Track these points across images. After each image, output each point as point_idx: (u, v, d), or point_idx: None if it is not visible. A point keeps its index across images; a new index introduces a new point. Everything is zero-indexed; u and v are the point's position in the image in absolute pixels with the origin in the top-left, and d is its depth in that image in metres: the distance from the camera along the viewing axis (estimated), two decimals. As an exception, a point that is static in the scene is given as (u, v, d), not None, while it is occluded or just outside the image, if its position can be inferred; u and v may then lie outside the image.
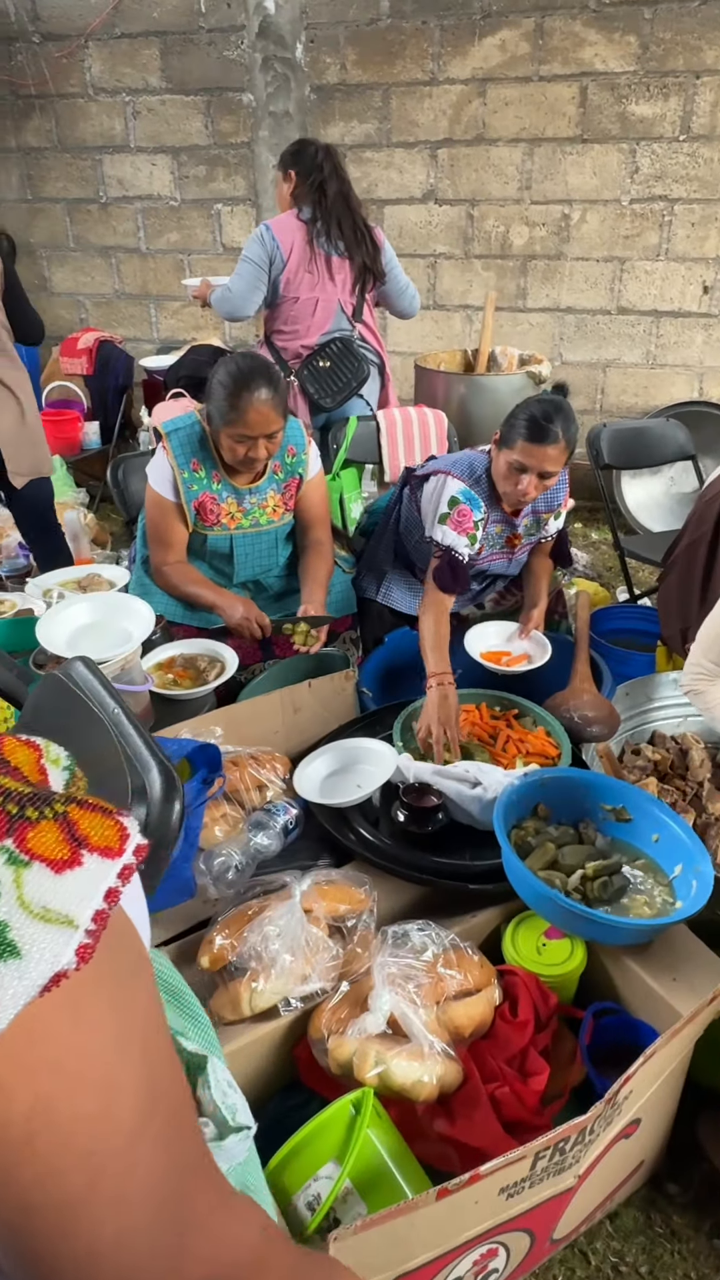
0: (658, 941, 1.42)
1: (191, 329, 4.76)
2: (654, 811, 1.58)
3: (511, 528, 2.16)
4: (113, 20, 4.22)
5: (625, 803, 1.62)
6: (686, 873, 1.48)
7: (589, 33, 3.66)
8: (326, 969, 1.30)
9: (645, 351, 4.13)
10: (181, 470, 2.07)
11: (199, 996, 1.36)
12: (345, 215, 2.72)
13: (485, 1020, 1.28)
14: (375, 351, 2.93)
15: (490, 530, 2.13)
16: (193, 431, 2.08)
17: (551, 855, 1.52)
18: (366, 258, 2.77)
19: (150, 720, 1.79)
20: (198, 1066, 0.70)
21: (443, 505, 2.06)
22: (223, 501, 2.11)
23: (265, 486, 2.16)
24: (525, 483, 1.97)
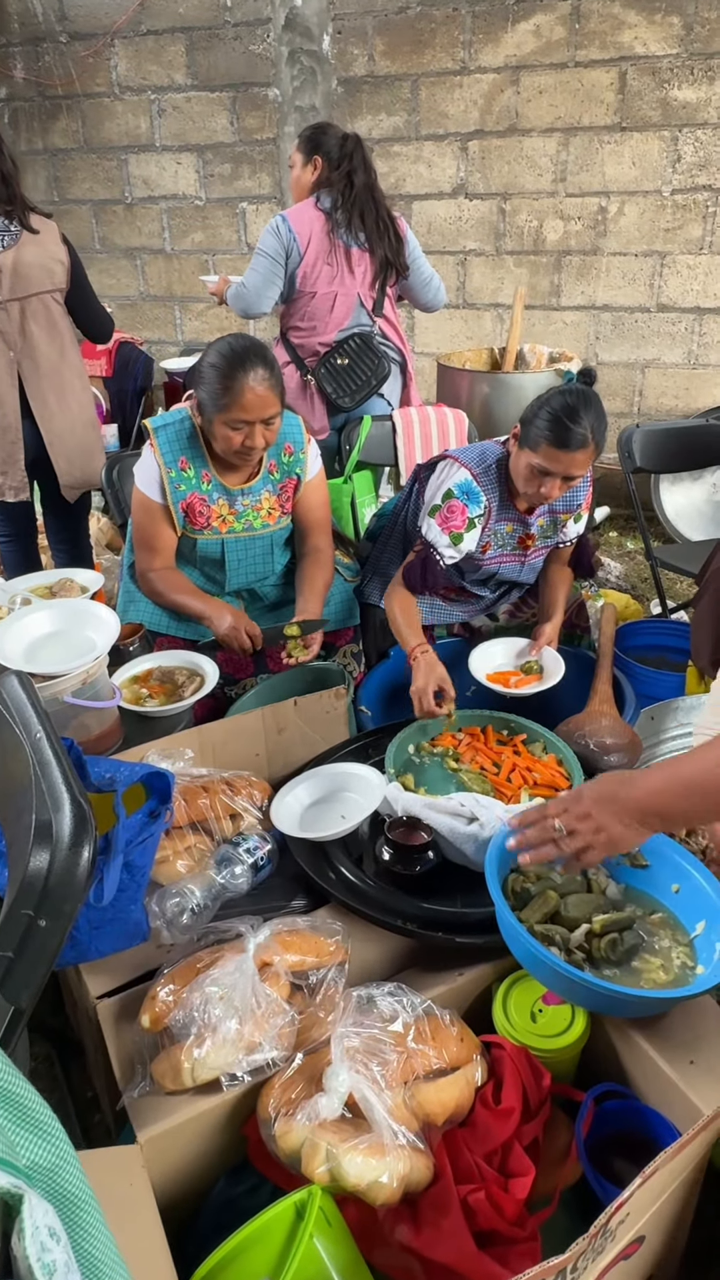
0: (674, 1013, 1.22)
1: (215, 330, 4.65)
2: (674, 858, 1.38)
3: (524, 527, 1.97)
4: (139, 17, 4.15)
5: (641, 847, 1.42)
6: (710, 931, 1.27)
7: (629, 14, 3.46)
8: (280, 1036, 1.12)
9: (687, 351, 3.90)
10: (169, 469, 1.92)
11: (142, 1058, 1.22)
12: (370, 207, 2.55)
13: (463, 1106, 1.09)
14: (397, 348, 2.75)
15: (499, 529, 1.95)
16: (182, 427, 1.93)
17: (553, 906, 1.33)
18: (389, 251, 2.60)
19: (118, 740, 1.65)
20: (10, 1206, 0.53)
21: (437, 496, 1.90)
22: (213, 503, 1.96)
23: (259, 487, 2.00)
24: (548, 486, 1.79)
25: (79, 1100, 1.53)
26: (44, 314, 2.39)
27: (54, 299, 2.42)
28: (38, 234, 2.34)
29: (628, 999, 1.15)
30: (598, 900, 1.36)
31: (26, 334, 2.36)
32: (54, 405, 2.46)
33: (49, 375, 2.44)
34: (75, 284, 2.47)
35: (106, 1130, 1.45)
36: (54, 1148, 0.61)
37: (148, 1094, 1.16)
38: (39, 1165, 0.59)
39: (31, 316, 2.36)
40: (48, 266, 2.36)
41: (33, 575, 1.97)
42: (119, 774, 1.28)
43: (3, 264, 2.28)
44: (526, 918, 1.29)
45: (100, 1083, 1.42)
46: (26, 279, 2.32)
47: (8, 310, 2.32)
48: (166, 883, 1.38)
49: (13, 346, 2.35)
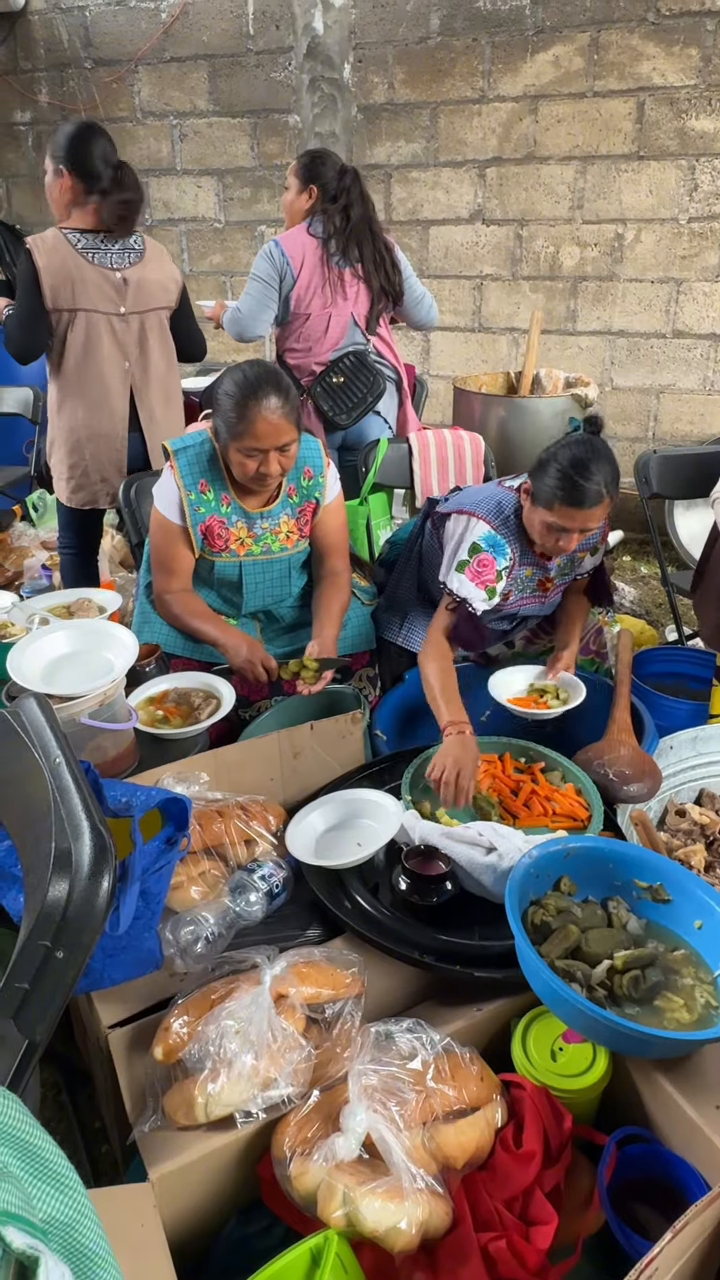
0: (699, 1054, 1.19)
1: (232, 351, 4.69)
2: (697, 893, 1.35)
3: (544, 571, 1.95)
4: (163, 44, 4.21)
5: (663, 880, 1.39)
6: None
7: (647, 46, 3.49)
8: (296, 1072, 1.10)
9: (702, 377, 3.90)
10: (188, 491, 1.92)
11: (154, 1091, 1.19)
12: (367, 239, 2.60)
13: (483, 1149, 1.07)
14: (392, 366, 2.78)
15: (519, 574, 1.92)
16: (202, 450, 1.93)
17: (574, 940, 1.30)
18: (385, 281, 2.64)
19: (133, 762, 1.63)
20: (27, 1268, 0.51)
21: (462, 551, 1.84)
22: (232, 526, 1.96)
23: (279, 511, 2.00)
24: (565, 540, 1.76)
25: (86, 1130, 1.51)
26: (159, 329, 2.48)
27: (166, 316, 2.51)
28: (154, 255, 2.45)
29: (653, 1040, 1.12)
30: (619, 935, 1.33)
31: (144, 347, 2.46)
32: (160, 415, 2.54)
33: (158, 387, 2.52)
34: (182, 304, 2.57)
35: (114, 1162, 1.42)
36: (72, 1201, 0.59)
37: (159, 1128, 1.13)
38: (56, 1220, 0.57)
39: (150, 331, 2.46)
40: (164, 284, 2.46)
41: (51, 594, 1.97)
42: (135, 799, 1.27)
43: (129, 278, 2.37)
44: (547, 953, 1.27)
45: (109, 1113, 1.39)
46: (149, 294, 2.42)
47: (128, 322, 2.40)
48: (180, 909, 1.36)
49: (129, 358, 2.43)
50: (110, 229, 2.33)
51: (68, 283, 2.28)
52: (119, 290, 2.36)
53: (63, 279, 2.27)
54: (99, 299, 2.33)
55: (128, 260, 2.37)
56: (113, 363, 2.41)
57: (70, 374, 2.41)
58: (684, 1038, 1.14)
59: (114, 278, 2.34)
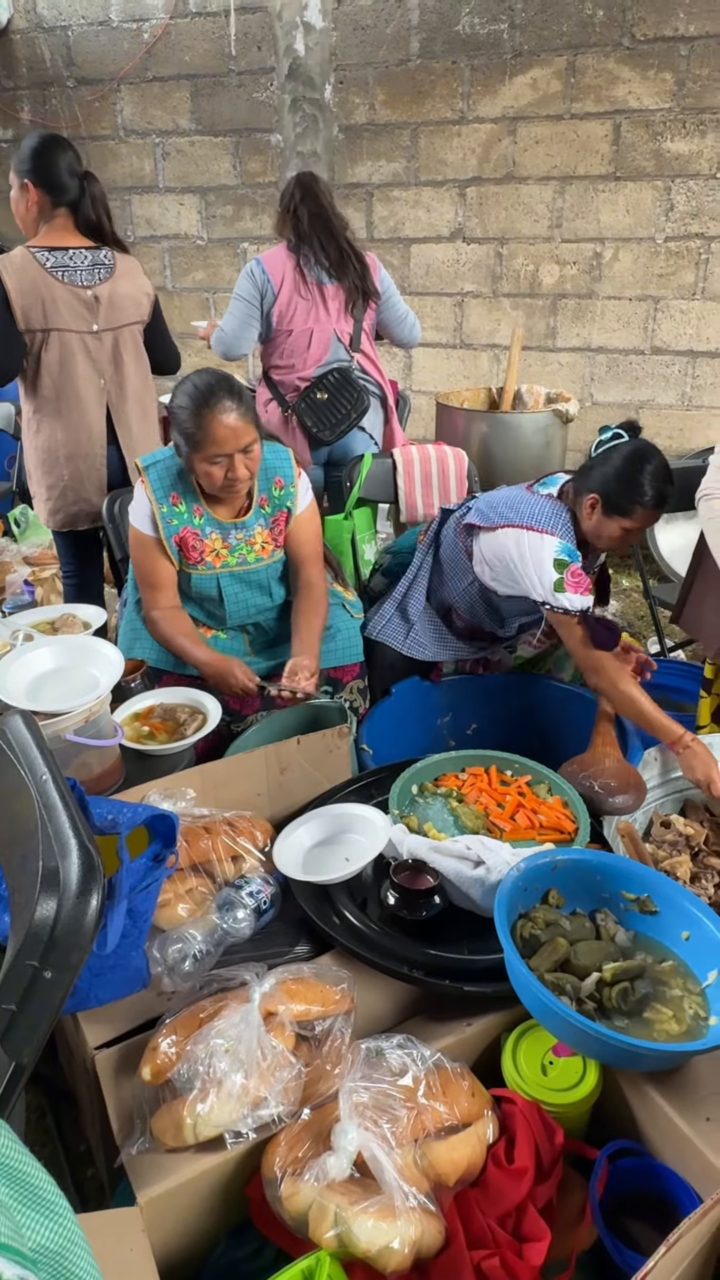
0: (689, 1065, 1.19)
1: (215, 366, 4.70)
2: (684, 904, 1.36)
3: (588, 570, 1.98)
4: (145, 64, 4.25)
5: (650, 892, 1.40)
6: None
7: (623, 70, 3.57)
8: (286, 1091, 1.09)
9: (680, 393, 3.96)
10: (160, 505, 1.93)
11: (142, 1113, 1.18)
12: (327, 237, 2.62)
13: (475, 1165, 1.06)
14: (376, 383, 2.81)
15: None
16: (172, 463, 1.94)
17: (563, 953, 1.31)
18: (355, 278, 2.66)
19: (119, 779, 1.62)
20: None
21: (548, 568, 1.84)
22: (206, 537, 1.96)
23: (252, 522, 2.00)
24: (634, 539, 1.89)
25: (71, 1153, 1.48)
26: (132, 344, 2.47)
27: (140, 330, 2.50)
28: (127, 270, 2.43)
29: (642, 1052, 1.12)
30: (607, 948, 1.33)
31: (119, 363, 2.44)
32: (138, 431, 2.53)
33: (134, 403, 2.51)
34: (155, 318, 2.56)
35: (100, 1187, 1.40)
36: (62, 1229, 0.58)
37: (147, 1150, 1.12)
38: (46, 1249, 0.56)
39: (124, 346, 2.44)
40: (137, 299, 2.45)
41: (34, 610, 1.96)
42: (122, 816, 1.26)
43: (100, 295, 2.35)
44: (536, 965, 1.26)
45: (95, 1136, 1.37)
46: (121, 311, 2.41)
47: (101, 340, 2.39)
48: (168, 927, 1.35)
49: (104, 375, 2.42)
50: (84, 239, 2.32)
51: (38, 303, 2.27)
52: (90, 308, 2.35)
53: (33, 299, 2.26)
54: (71, 318, 2.32)
55: (98, 277, 2.36)
56: (88, 381, 2.40)
57: (45, 394, 2.39)
58: (673, 1049, 1.14)
59: (85, 295, 2.33)
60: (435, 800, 1.75)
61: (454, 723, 2.25)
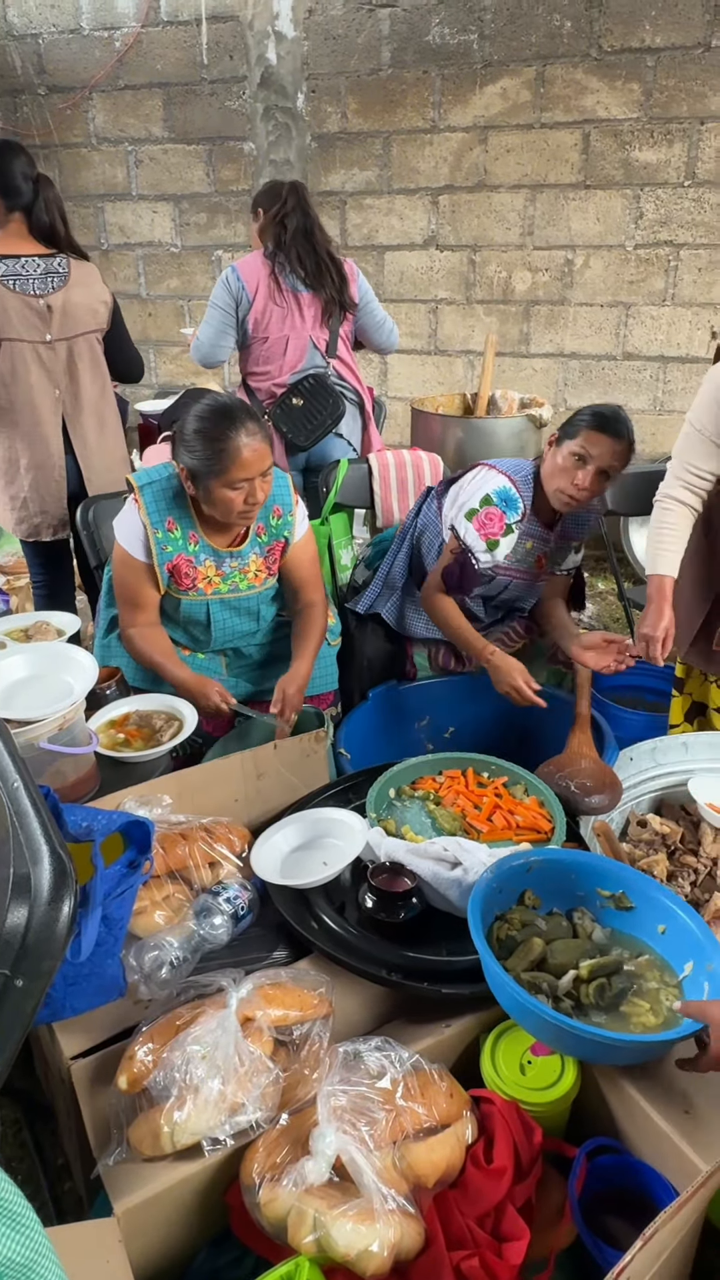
0: (666, 1059, 1.20)
1: (191, 374, 4.70)
2: (659, 898, 1.37)
3: (544, 544, 2.02)
4: (116, 73, 4.24)
5: (625, 888, 1.41)
6: (698, 972, 1.26)
7: (591, 80, 3.62)
8: (264, 1096, 1.08)
9: (652, 397, 4.01)
10: (155, 529, 1.86)
11: (119, 1123, 1.16)
12: (307, 249, 2.64)
13: (454, 1166, 1.06)
14: (353, 389, 2.82)
15: (521, 545, 1.99)
16: (169, 485, 1.87)
17: (539, 953, 1.31)
18: (333, 290, 2.68)
19: (94, 786, 1.61)
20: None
21: (474, 500, 1.91)
22: (200, 565, 1.91)
23: (248, 550, 1.95)
24: (582, 477, 1.85)
25: (48, 1167, 1.47)
26: (88, 353, 2.45)
27: (97, 339, 2.48)
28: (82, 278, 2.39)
29: (617, 1045, 1.13)
30: (584, 945, 1.34)
31: (73, 373, 2.42)
32: (94, 442, 2.50)
33: (91, 413, 2.48)
34: (114, 325, 2.53)
35: (78, 1200, 1.39)
36: (29, 1241, 0.57)
37: (124, 1161, 1.10)
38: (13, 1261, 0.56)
39: (78, 356, 2.43)
40: (93, 307, 2.43)
41: (7, 618, 1.94)
42: (96, 823, 1.25)
43: (53, 304, 2.33)
44: (512, 966, 1.27)
45: (72, 1148, 1.36)
46: (75, 319, 2.38)
47: (55, 349, 2.36)
48: (144, 935, 1.34)
49: (58, 385, 2.39)
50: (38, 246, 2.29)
51: None
52: (43, 317, 2.31)
53: None
54: (22, 328, 2.28)
55: (51, 285, 2.32)
56: (42, 391, 2.37)
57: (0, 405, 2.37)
58: (646, 1040, 1.15)
59: (37, 305, 2.30)
60: (413, 803, 1.75)
61: (431, 726, 2.25)
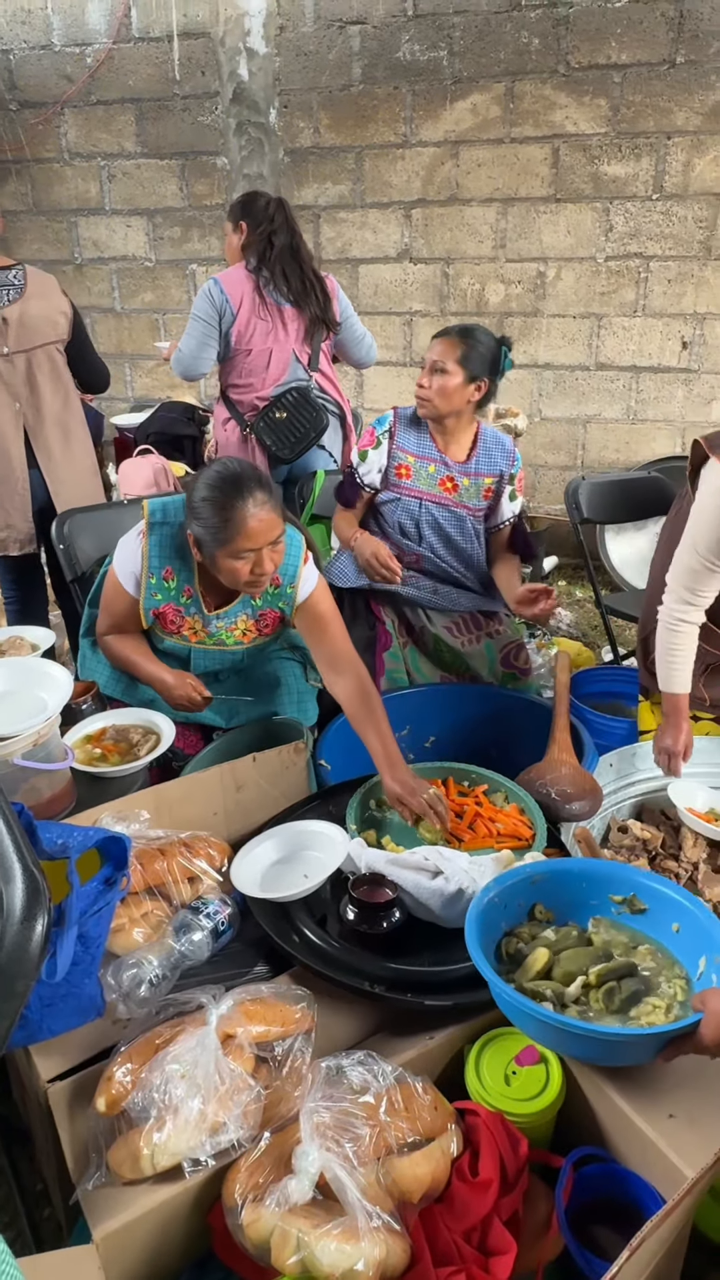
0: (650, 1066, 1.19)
1: (166, 387, 4.69)
2: (671, 896, 1.34)
3: (447, 469, 2.22)
4: (89, 88, 4.25)
5: (636, 890, 1.39)
6: (710, 968, 1.24)
7: (559, 96, 3.67)
8: (245, 1114, 1.07)
9: (626, 407, 4.05)
10: (150, 574, 1.81)
11: (97, 1146, 1.14)
12: (292, 267, 2.65)
13: (439, 1180, 1.05)
14: (335, 402, 2.83)
15: (423, 468, 2.21)
16: (180, 534, 1.80)
17: (545, 963, 1.29)
18: (317, 308, 2.69)
19: (70, 803, 1.59)
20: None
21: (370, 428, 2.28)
22: (188, 615, 1.87)
23: (236, 611, 1.89)
24: (423, 378, 2.14)
25: (27, 1194, 1.43)
26: (48, 365, 2.42)
27: (57, 350, 2.46)
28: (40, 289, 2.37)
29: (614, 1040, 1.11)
30: (596, 953, 1.31)
31: (33, 385, 2.39)
32: (58, 455, 2.47)
33: (53, 425, 2.45)
34: (75, 336, 2.51)
35: (57, 1226, 1.36)
36: None
37: (103, 1185, 1.08)
38: None
39: (38, 368, 2.40)
40: (51, 318, 2.40)
41: (-20, 633, 1.92)
42: (72, 839, 1.23)
43: (9, 317, 2.31)
44: (517, 978, 1.26)
45: (51, 1173, 1.33)
46: (33, 331, 2.36)
47: (13, 362, 2.34)
48: (122, 953, 1.32)
49: (18, 398, 2.36)
50: None
51: None
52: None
53: None
54: None
55: (6, 298, 2.30)
56: (1, 405, 2.35)
57: None
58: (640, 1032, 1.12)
59: None
60: (393, 814, 1.75)
61: (412, 736, 2.24)
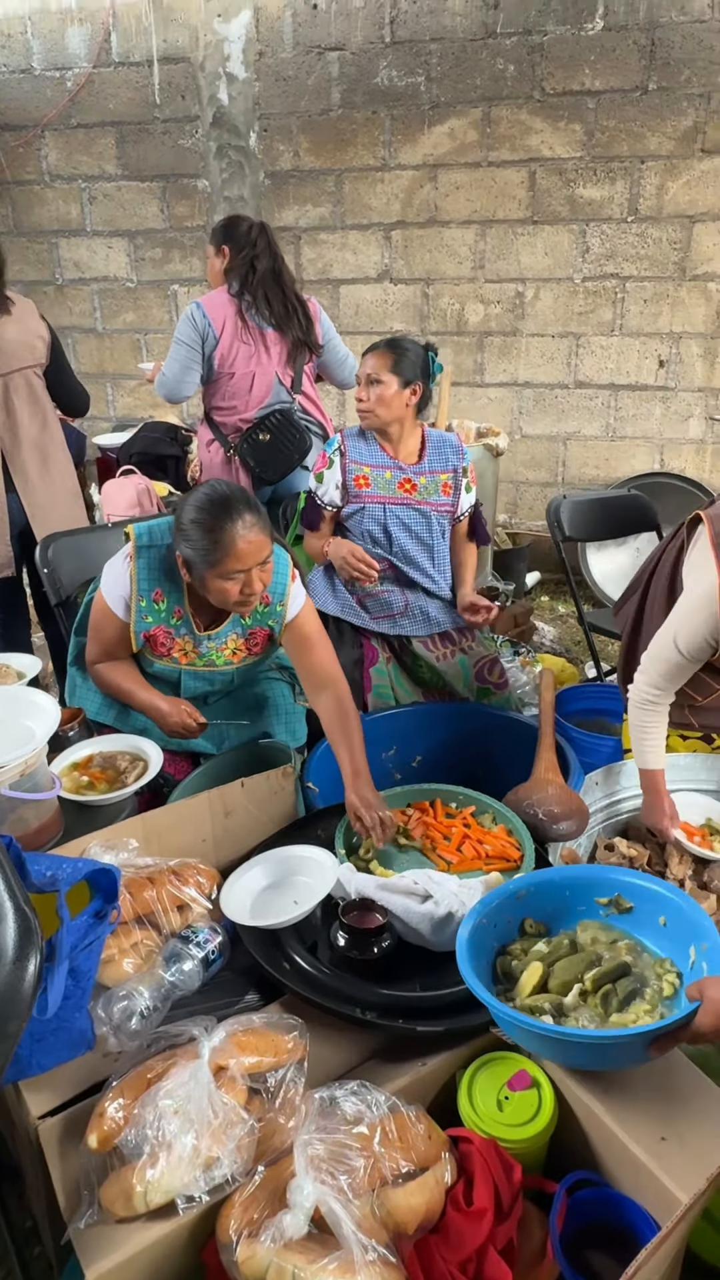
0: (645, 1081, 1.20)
1: (149, 407, 4.69)
2: (654, 890, 1.36)
3: (402, 472, 2.28)
4: (69, 111, 4.27)
5: (619, 890, 1.40)
6: (701, 956, 1.25)
7: (535, 121, 3.73)
8: (239, 1148, 1.06)
9: (605, 424, 4.11)
10: (140, 596, 1.81)
11: (89, 1183, 1.13)
12: (275, 291, 2.67)
13: (434, 1210, 1.05)
14: (318, 423, 2.85)
15: (379, 475, 2.28)
16: (168, 555, 1.81)
17: (540, 977, 1.30)
18: (299, 332, 2.72)
19: (58, 832, 1.58)
20: None
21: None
22: (178, 636, 1.88)
23: (226, 631, 1.90)
24: (360, 391, 2.23)
25: (16, 1232, 1.41)
26: (25, 389, 2.42)
27: (35, 374, 2.46)
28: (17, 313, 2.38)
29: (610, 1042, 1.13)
30: (589, 958, 1.32)
31: (10, 409, 2.38)
32: (36, 478, 2.46)
33: (30, 449, 2.45)
34: (54, 359, 2.51)
35: (48, 1265, 1.34)
36: None
37: (95, 1223, 1.07)
38: None
39: (14, 392, 2.39)
40: (29, 343, 2.40)
41: (-35, 662, 1.90)
42: (61, 871, 1.22)
43: None
44: (514, 996, 1.26)
45: (41, 1211, 1.31)
46: (10, 355, 2.36)
47: None
48: (112, 984, 1.31)
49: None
50: None
51: None
52: None
53: None
54: None
55: None
56: None
57: None
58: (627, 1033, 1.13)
59: None
60: (382, 836, 1.75)
61: (399, 756, 2.25)
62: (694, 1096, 1.19)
